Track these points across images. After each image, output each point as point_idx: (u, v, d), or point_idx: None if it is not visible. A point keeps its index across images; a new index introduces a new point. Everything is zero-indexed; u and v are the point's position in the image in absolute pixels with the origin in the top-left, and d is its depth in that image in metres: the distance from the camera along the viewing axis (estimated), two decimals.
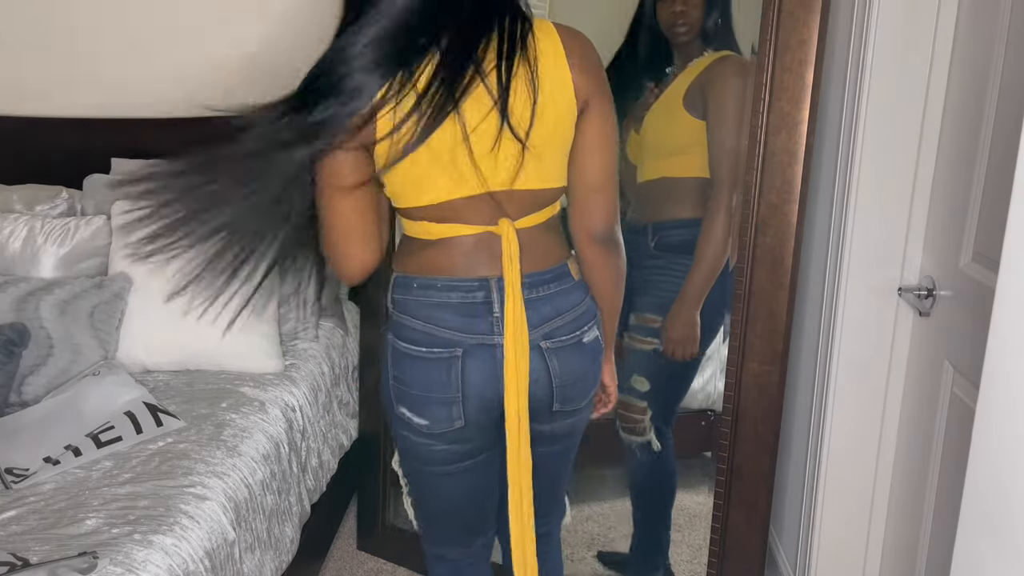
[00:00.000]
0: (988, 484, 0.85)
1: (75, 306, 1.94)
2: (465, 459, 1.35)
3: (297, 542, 1.84)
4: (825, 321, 1.77)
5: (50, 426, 1.70)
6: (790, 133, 1.53)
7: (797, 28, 1.48)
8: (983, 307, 1.32)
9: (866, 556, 1.83)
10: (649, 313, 1.92)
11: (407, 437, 1.33)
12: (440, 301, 1.25)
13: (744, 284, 1.63)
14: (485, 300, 1.25)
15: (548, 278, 1.28)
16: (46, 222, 2.13)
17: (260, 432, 1.76)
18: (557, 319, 1.29)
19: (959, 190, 1.49)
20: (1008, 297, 0.82)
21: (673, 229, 1.90)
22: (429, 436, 1.31)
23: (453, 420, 1.28)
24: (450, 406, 1.27)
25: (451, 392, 1.26)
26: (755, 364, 1.65)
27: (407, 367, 1.28)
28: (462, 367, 1.25)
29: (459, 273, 1.25)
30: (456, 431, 1.29)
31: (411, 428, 1.31)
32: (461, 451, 1.33)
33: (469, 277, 1.25)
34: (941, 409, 1.53)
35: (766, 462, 1.68)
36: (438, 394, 1.27)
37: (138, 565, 1.28)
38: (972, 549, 0.88)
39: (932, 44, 1.57)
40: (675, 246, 1.88)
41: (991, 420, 0.85)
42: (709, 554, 1.76)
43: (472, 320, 1.25)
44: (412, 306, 1.27)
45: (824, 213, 1.80)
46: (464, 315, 1.25)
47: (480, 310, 1.25)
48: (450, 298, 1.25)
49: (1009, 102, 1.32)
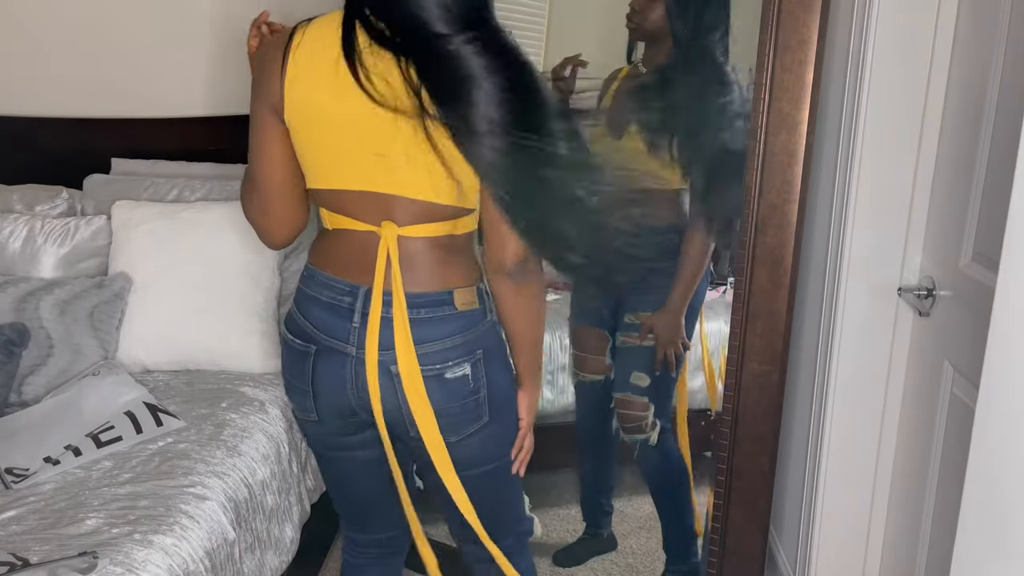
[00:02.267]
0: (988, 484, 0.85)
1: (75, 306, 1.94)
2: (346, 449, 1.37)
3: (297, 542, 1.84)
4: (825, 321, 1.77)
5: (50, 426, 1.70)
6: (790, 133, 1.53)
7: (797, 28, 1.48)
8: (983, 307, 1.32)
9: (866, 556, 1.83)
10: (643, 311, 1.94)
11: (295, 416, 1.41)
12: (313, 295, 1.28)
13: (744, 284, 1.63)
14: (349, 307, 1.24)
15: (420, 302, 1.22)
16: (46, 222, 2.13)
17: (260, 432, 1.76)
18: (416, 347, 1.22)
19: (959, 190, 1.49)
20: (1008, 297, 0.82)
21: (662, 234, 1.91)
22: (299, 421, 1.39)
23: (308, 412, 1.33)
24: (305, 398, 1.31)
25: (305, 384, 1.30)
26: (755, 364, 1.65)
27: (284, 350, 1.34)
28: (314, 365, 1.28)
29: (338, 273, 1.26)
30: (314, 423, 1.34)
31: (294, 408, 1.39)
32: (331, 442, 1.37)
33: (343, 280, 1.25)
34: (941, 409, 1.53)
35: (766, 462, 1.68)
36: (297, 383, 1.32)
37: (138, 565, 1.28)
38: (972, 549, 0.88)
39: (932, 44, 1.57)
40: (665, 249, 1.91)
41: (991, 420, 0.85)
42: (709, 554, 1.76)
43: (332, 323, 1.25)
44: (297, 294, 1.32)
45: (824, 213, 1.80)
46: (327, 316, 1.26)
47: (343, 315, 1.25)
48: (321, 295, 1.27)
49: (1009, 102, 1.32)
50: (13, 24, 2.46)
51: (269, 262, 2.06)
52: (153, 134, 2.44)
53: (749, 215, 1.60)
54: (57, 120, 2.45)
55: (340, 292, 1.25)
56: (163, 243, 2.02)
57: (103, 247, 2.12)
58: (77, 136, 2.44)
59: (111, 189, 2.22)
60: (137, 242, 2.04)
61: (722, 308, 1.96)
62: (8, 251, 2.08)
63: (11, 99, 2.48)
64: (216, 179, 2.26)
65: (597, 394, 2.09)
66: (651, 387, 1.94)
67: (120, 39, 2.45)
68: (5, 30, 2.46)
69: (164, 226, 2.04)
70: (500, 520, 1.41)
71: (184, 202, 2.15)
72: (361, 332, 1.23)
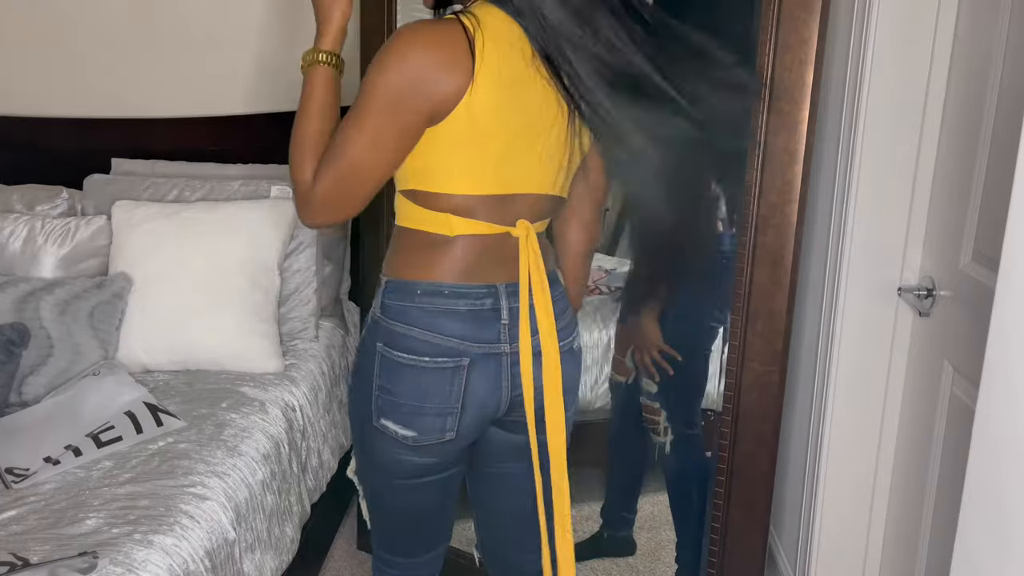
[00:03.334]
0: (988, 484, 0.85)
1: (75, 306, 1.94)
2: (436, 472, 1.31)
3: (297, 542, 1.84)
4: (825, 321, 1.77)
5: (50, 426, 1.70)
6: (790, 133, 1.53)
7: (797, 28, 1.48)
8: (983, 307, 1.32)
9: (866, 556, 1.83)
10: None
11: (382, 450, 1.29)
12: (447, 309, 1.21)
13: (744, 284, 1.63)
14: (493, 307, 1.23)
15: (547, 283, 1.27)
16: (46, 222, 2.13)
17: (260, 432, 1.76)
18: (557, 322, 1.28)
19: (959, 190, 1.49)
20: (1008, 297, 0.82)
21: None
22: (410, 449, 1.26)
23: (445, 432, 1.24)
24: (445, 417, 1.23)
25: (450, 403, 1.23)
26: (755, 364, 1.65)
27: (400, 378, 1.22)
28: (467, 378, 1.22)
29: (468, 279, 1.22)
30: (442, 444, 1.26)
31: (391, 440, 1.26)
32: (435, 464, 1.30)
33: (478, 284, 1.22)
34: (941, 409, 1.53)
35: (766, 462, 1.68)
36: (434, 405, 1.22)
37: (138, 565, 1.28)
38: (972, 549, 0.88)
39: (932, 44, 1.57)
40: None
41: (991, 420, 0.85)
42: (709, 554, 1.75)
43: (480, 329, 1.22)
44: (413, 314, 1.22)
45: (824, 213, 1.80)
46: (472, 323, 1.22)
47: (488, 318, 1.23)
48: (458, 306, 1.21)
49: (1009, 102, 1.32)
50: (14, 25, 2.46)
51: (269, 262, 2.06)
52: (153, 134, 2.45)
53: (749, 215, 1.60)
54: (57, 120, 2.46)
55: (478, 296, 1.22)
56: (163, 243, 2.02)
57: (103, 247, 2.12)
58: (77, 136, 2.44)
59: (111, 189, 2.22)
60: (137, 242, 2.04)
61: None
62: (8, 251, 2.08)
63: (11, 99, 2.48)
64: (216, 179, 2.26)
65: (621, 397, 2.11)
66: (660, 393, 1.95)
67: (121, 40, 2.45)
68: (6, 31, 2.46)
69: (164, 226, 2.04)
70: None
71: (184, 202, 2.15)
72: (511, 328, 1.23)
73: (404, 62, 1.11)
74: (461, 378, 1.22)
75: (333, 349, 2.25)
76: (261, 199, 2.14)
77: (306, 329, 2.20)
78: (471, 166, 1.17)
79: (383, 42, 1.16)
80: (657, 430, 1.96)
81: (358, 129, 1.13)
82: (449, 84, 1.11)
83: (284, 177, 2.28)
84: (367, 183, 1.16)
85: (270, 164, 2.35)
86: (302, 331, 2.20)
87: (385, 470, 1.31)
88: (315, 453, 2.04)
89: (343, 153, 1.14)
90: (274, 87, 2.44)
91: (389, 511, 1.40)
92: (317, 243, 2.21)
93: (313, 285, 2.20)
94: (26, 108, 2.48)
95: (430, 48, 1.11)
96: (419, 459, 1.28)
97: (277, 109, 2.42)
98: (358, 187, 1.16)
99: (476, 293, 1.22)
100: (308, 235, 2.19)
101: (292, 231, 2.12)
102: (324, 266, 2.30)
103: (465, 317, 1.22)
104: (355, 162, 1.14)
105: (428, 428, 1.24)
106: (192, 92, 2.47)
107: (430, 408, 1.23)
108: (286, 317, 2.19)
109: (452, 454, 1.30)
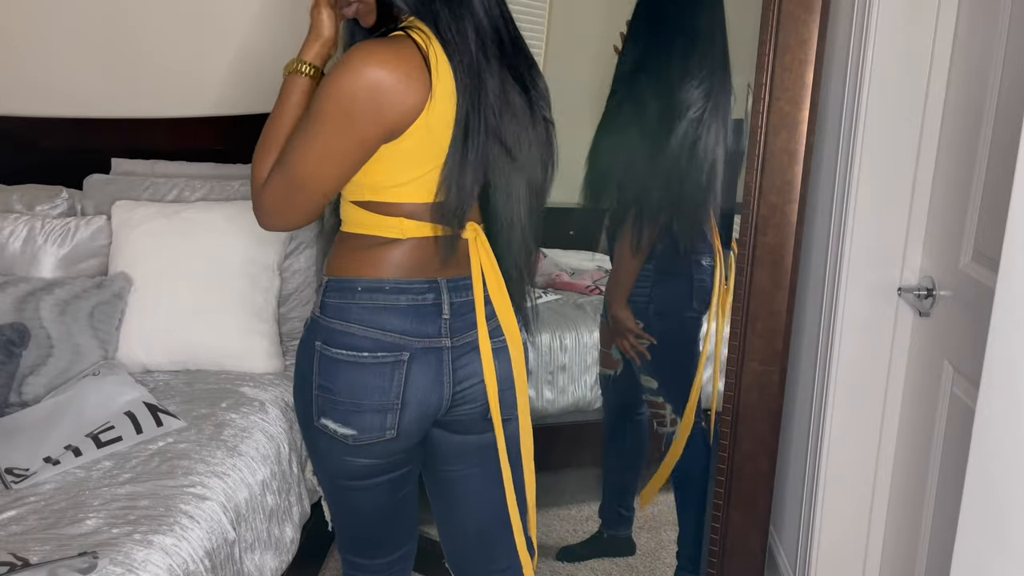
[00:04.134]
0: (988, 484, 0.85)
1: (75, 306, 1.94)
2: (382, 473, 1.31)
3: (297, 542, 1.84)
4: (825, 321, 1.77)
5: (50, 426, 1.70)
6: (790, 133, 1.53)
7: (797, 28, 1.48)
8: (983, 307, 1.32)
9: (866, 556, 1.83)
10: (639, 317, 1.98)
11: (326, 451, 1.28)
12: (387, 304, 1.22)
13: (744, 284, 1.63)
14: (435, 302, 1.24)
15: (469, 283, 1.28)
16: (46, 222, 2.13)
17: (260, 432, 1.76)
18: (495, 319, 1.29)
19: (959, 190, 1.49)
20: (1008, 297, 0.82)
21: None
22: (351, 449, 1.26)
23: (385, 429, 1.24)
24: (384, 414, 1.23)
25: (389, 399, 1.22)
26: (755, 364, 1.65)
27: (338, 375, 1.22)
28: (407, 372, 1.22)
29: (411, 275, 1.23)
30: (384, 442, 1.25)
31: (332, 441, 1.26)
32: (379, 465, 1.29)
33: (419, 279, 1.23)
34: (941, 409, 1.53)
35: (766, 462, 1.68)
36: (372, 402, 1.22)
37: (138, 565, 1.28)
38: (972, 549, 0.88)
39: (932, 44, 1.57)
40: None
41: (991, 420, 0.85)
42: (709, 554, 1.76)
43: (421, 324, 1.23)
44: (352, 311, 1.22)
45: (824, 213, 1.80)
46: (413, 318, 1.23)
47: (429, 312, 1.23)
48: (399, 301, 1.22)
49: (1009, 102, 1.32)
50: (14, 25, 2.46)
51: (269, 262, 2.06)
52: (153, 134, 2.45)
53: (749, 215, 1.60)
54: (57, 120, 2.46)
55: (419, 292, 1.23)
56: (163, 243, 2.02)
57: (103, 247, 2.12)
58: (77, 136, 2.44)
59: (111, 189, 2.22)
60: (137, 242, 2.04)
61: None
62: (8, 251, 2.08)
63: (11, 99, 2.48)
64: (216, 179, 2.26)
65: (612, 393, 2.12)
66: (662, 388, 1.97)
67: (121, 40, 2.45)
68: (6, 31, 2.46)
69: (164, 226, 2.04)
70: (508, 533, 1.40)
71: (184, 202, 2.15)
72: (453, 322, 1.24)
73: (360, 79, 1.11)
74: (401, 373, 1.22)
75: None
76: None
77: None
78: (425, 177, 1.19)
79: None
80: (664, 421, 1.98)
81: (308, 143, 1.15)
82: (407, 101, 1.13)
83: None
84: (314, 195, 1.18)
85: None
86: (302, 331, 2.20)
87: (331, 472, 1.32)
88: None
89: (291, 162, 1.16)
90: (274, 87, 2.43)
91: (346, 513, 1.40)
92: (317, 243, 2.21)
93: (313, 285, 2.21)
94: (26, 108, 2.48)
95: (387, 65, 1.11)
96: (362, 460, 1.28)
97: None
98: (304, 198, 1.18)
99: (417, 288, 1.23)
100: (308, 235, 2.19)
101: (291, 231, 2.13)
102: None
103: (406, 312, 1.22)
104: (302, 173, 1.16)
105: (367, 426, 1.23)
106: (192, 92, 2.47)
107: (368, 404, 1.22)
108: (286, 317, 2.19)
109: (396, 454, 1.29)
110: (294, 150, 1.16)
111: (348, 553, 1.47)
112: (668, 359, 1.98)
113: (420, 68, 1.13)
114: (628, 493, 2.19)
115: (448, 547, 1.49)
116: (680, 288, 1.95)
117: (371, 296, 1.22)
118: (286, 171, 1.17)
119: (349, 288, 1.23)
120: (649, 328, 1.97)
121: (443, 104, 1.15)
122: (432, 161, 1.18)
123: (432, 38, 1.15)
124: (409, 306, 1.22)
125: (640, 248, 1.92)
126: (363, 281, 1.23)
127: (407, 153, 1.16)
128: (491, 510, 1.39)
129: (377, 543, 1.45)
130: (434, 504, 1.47)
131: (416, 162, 1.18)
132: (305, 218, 1.21)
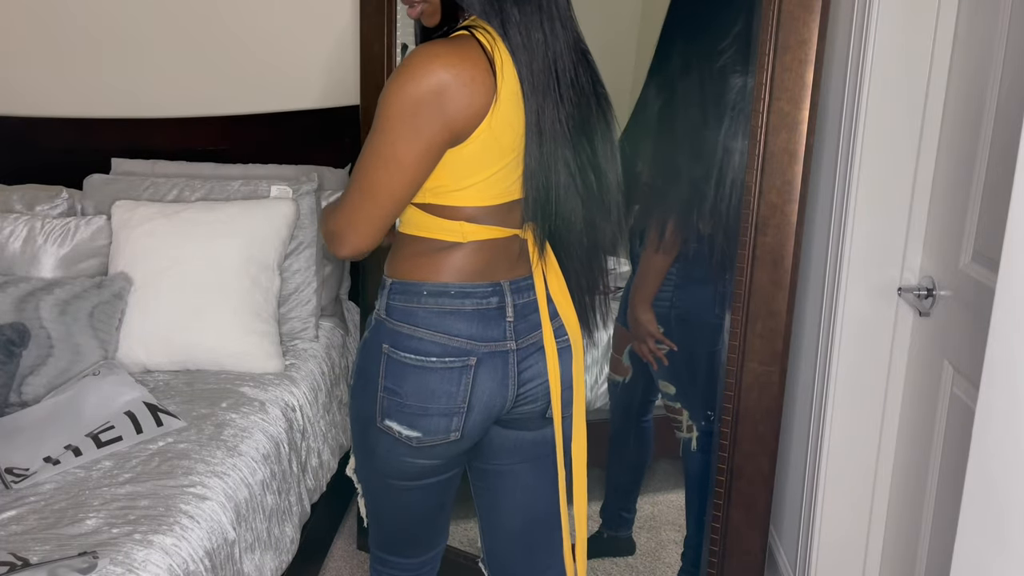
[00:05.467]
0: (988, 484, 0.85)
1: (75, 306, 1.94)
2: (437, 474, 1.31)
3: (297, 542, 1.84)
4: (825, 321, 1.77)
5: (50, 426, 1.70)
6: (790, 133, 1.53)
7: (797, 28, 1.48)
8: (983, 307, 1.32)
9: (866, 556, 1.83)
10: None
11: (385, 452, 1.28)
12: (453, 309, 1.22)
13: (744, 284, 1.63)
14: (499, 305, 1.23)
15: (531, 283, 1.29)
16: (46, 222, 2.13)
17: (260, 432, 1.76)
18: (557, 318, 1.29)
19: (959, 190, 1.49)
20: (1008, 297, 0.82)
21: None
22: (414, 450, 1.26)
23: (450, 432, 1.24)
24: (451, 418, 1.23)
25: (455, 403, 1.23)
26: (755, 364, 1.65)
27: (405, 378, 1.22)
28: (474, 377, 1.22)
29: (474, 279, 1.22)
30: (447, 444, 1.26)
31: (394, 442, 1.26)
32: (437, 466, 1.29)
33: (483, 283, 1.23)
34: (941, 409, 1.53)
35: (766, 462, 1.68)
36: (439, 405, 1.22)
37: (138, 565, 1.28)
38: (972, 549, 0.88)
39: (932, 44, 1.57)
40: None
41: (991, 420, 0.85)
42: (709, 554, 1.75)
43: (486, 328, 1.23)
44: (419, 315, 1.22)
45: (824, 213, 1.80)
46: (478, 323, 1.22)
47: (494, 316, 1.23)
48: (464, 305, 1.22)
49: (1009, 102, 1.32)
50: (14, 25, 2.46)
51: (269, 262, 2.06)
52: (153, 134, 2.45)
53: (749, 215, 1.60)
54: (57, 120, 2.46)
55: (484, 295, 1.23)
56: (163, 243, 2.02)
57: (103, 247, 2.12)
58: (77, 136, 2.44)
59: (111, 189, 2.22)
60: (137, 242, 2.04)
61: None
62: (8, 251, 2.08)
63: (11, 99, 2.48)
64: (216, 179, 2.26)
65: (620, 396, 2.11)
66: (680, 394, 1.96)
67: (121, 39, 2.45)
68: (6, 31, 2.46)
69: (164, 226, 2.04)
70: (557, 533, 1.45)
71: (184, 202, 2.15)
72: (517, 324, 1.25)
73: (425, 82, 1.09)
74: (468, 378, 1.22)
75: (333, 349, 2.25)
76: (261, 199, 2.14)
77: (306, 329, 2.20)
78: (488, 181, 1.18)
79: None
80: (681, 427, 1.97)
81: (375, 151, 1.13)
82: (474, 103, 1.11)
83: (284, 177, 2.28)
84: (385, 204, 1.15)
85: (270, 164, 2.35)
86: (302, 331, 2.20)
87: (386, 472, 1.31)
88: (315, 453, 2.04)
89: (360, 173, 1.15)
90: (274, 87, 2.44)
91: (388, 512, 1.40)
92: (317, 243, 2.21)
93: (313, 285, 2.21)
94: (26, 108, 2.48)
95: (452, 68, 1.09)
96: (422, 460, 1.28)
97: (277, 109, 2.42)
98: (375, 209, 1.16)
99: (481, 292, 1.22)
100: (308, 235, 2.19)
101: (292, 231, 2.13)
102: (324, 266, 2.30)
103: (471, 316, 1.22)
104: (372, 182, 1.14)
105: (433, 429, 1.24)
106: (192, 92, 2.47)
107: (435, 408, 1.23)
108: (286, 317, 2.19)
109: (455, 455, 1.30)
110: (363, 160, 1.15)
111: (383, 551, 1.46)
112: (688, 365, 1.96)
113: (485, 70, 1.11)
114: (630, 496, 2.18)
115: (489, 544, 1.48)
116: (704, 293, 1.91)
117: (436, 300, 1.22)
118: (357, 182, 1.16)
119: (415, 292, 1.23)
120: (669, 333, 1.95)
121: (507, 105, 1.13)
122: (494, 164, 1.17)
123: (497, 38, 1.13)
124: (475, 311, 1.22)
125: (669, 250, 1.90)
126: (428, 285, 1.22)
127: (471, 157, 1.15)
128: (540, 506, 1.41)
129: (416, 541, 1.44)
130: (479, 499, 1.46)
131: (479, 166, 1.16)
132: (377, 232, 1.18)
